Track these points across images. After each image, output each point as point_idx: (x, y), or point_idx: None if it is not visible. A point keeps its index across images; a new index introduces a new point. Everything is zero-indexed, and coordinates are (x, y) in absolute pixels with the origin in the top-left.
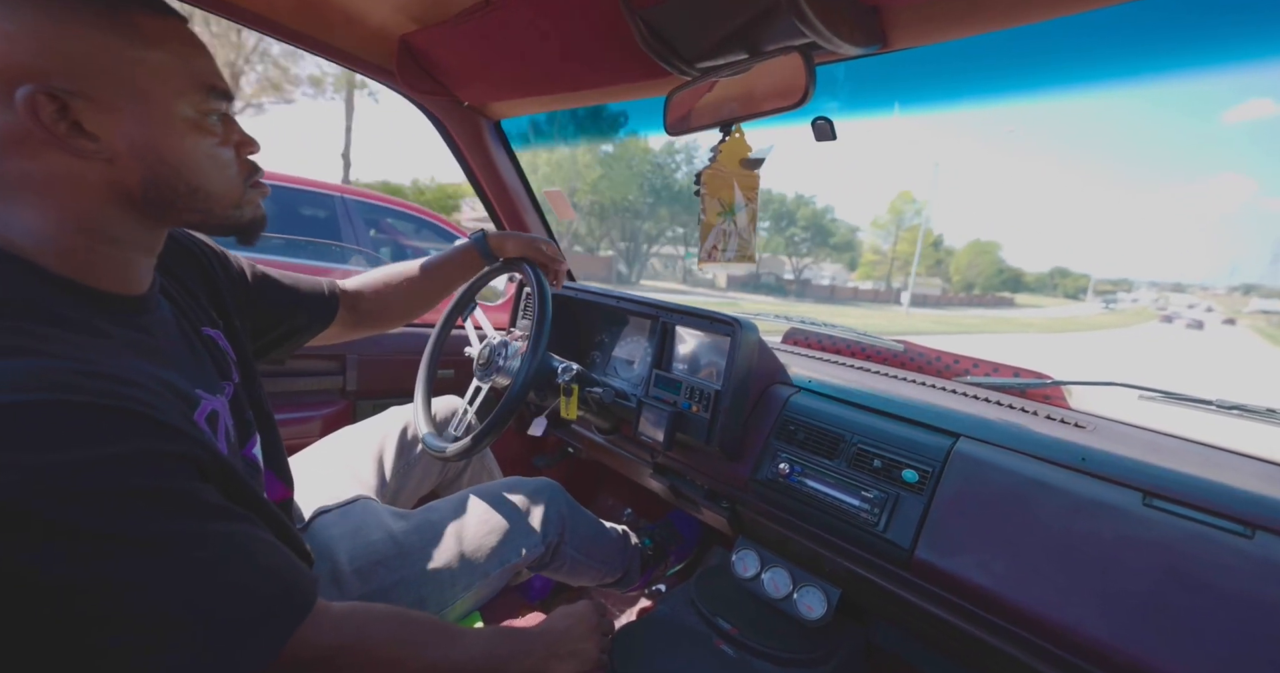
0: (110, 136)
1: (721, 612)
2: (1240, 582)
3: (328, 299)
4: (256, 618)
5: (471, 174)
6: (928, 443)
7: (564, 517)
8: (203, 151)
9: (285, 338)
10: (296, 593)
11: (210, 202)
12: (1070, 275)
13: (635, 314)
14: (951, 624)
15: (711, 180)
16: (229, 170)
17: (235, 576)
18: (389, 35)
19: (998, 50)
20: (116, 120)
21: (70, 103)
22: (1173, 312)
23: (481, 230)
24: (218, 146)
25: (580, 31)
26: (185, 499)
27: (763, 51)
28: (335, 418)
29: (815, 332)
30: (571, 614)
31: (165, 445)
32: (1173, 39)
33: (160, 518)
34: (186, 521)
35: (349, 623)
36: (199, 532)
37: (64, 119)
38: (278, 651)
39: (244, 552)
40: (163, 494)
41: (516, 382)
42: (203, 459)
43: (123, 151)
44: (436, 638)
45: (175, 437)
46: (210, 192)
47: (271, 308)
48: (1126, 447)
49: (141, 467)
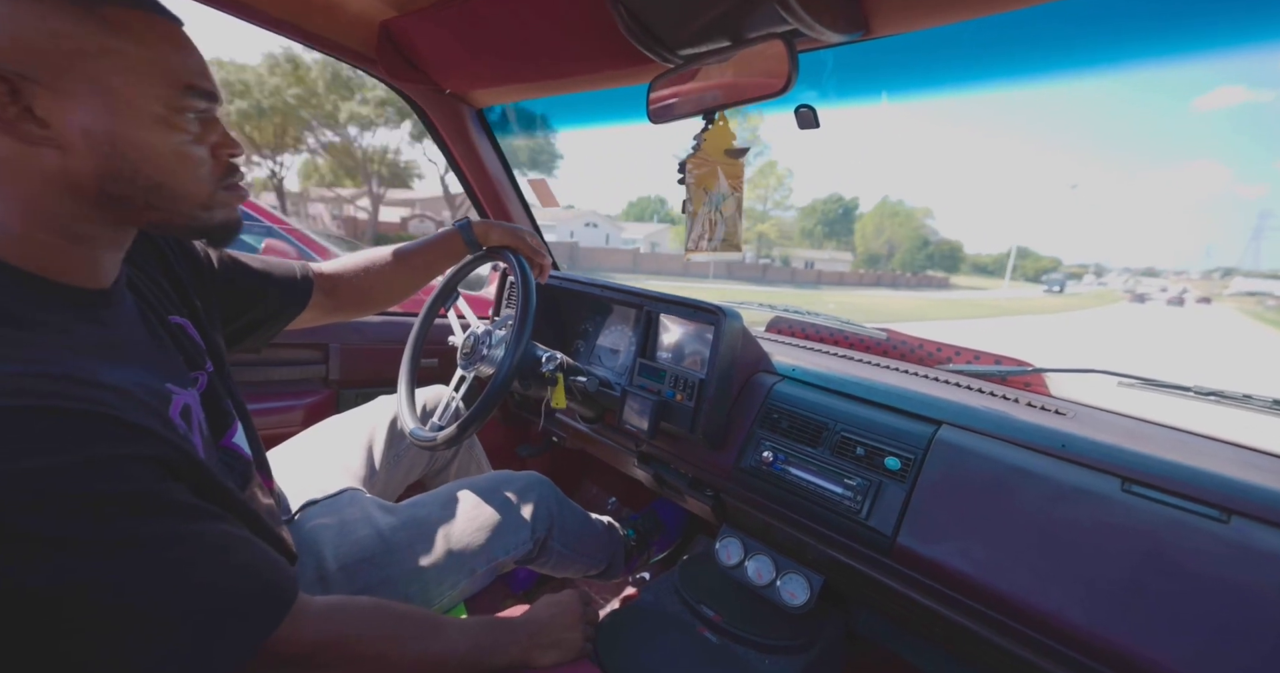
0: (62, 124)
1: (705, 599)
2: (1216, 566)
3: (300, 283)
4: (232, 617)
5: (454, 162)
6: (910, 430)
7: (552, 513)
8: (169, 148)
9: (258, 324)
10: (274, 590)
11: (175, 200)
12: (1034, 257)
13: (619, 303)
14: (933, 610)
15: (696, 169)
16: (199, 169)
17: (209, 575)
18: (369, 21)
19: (979, 37)
20: (72, 108)
21: (21, 87)
22: (1143, 292)
23: (466, 218)
24: (189, 144)
25: (562, 18)
26: (154, 501)
27: (745, 39)
28: (318, 407)
29: (799, 320)
30: (556, 604)
31: (131, 448)
32: (1149, 24)
33: (129, 521)
34: (157, 522)
35: (331, 619)
36: (170, 532)
37: (14, 103)
38: (254, 648)
39: (218, 550)
40: (131, 498)
41: (501, 370)
42: (172, 459)
43: (75, 141)
44: (420, 630)
45: (141, 438)
46: (175, 190)
47: (240, 293)
48: (1106, 433)
49: (107, 471)
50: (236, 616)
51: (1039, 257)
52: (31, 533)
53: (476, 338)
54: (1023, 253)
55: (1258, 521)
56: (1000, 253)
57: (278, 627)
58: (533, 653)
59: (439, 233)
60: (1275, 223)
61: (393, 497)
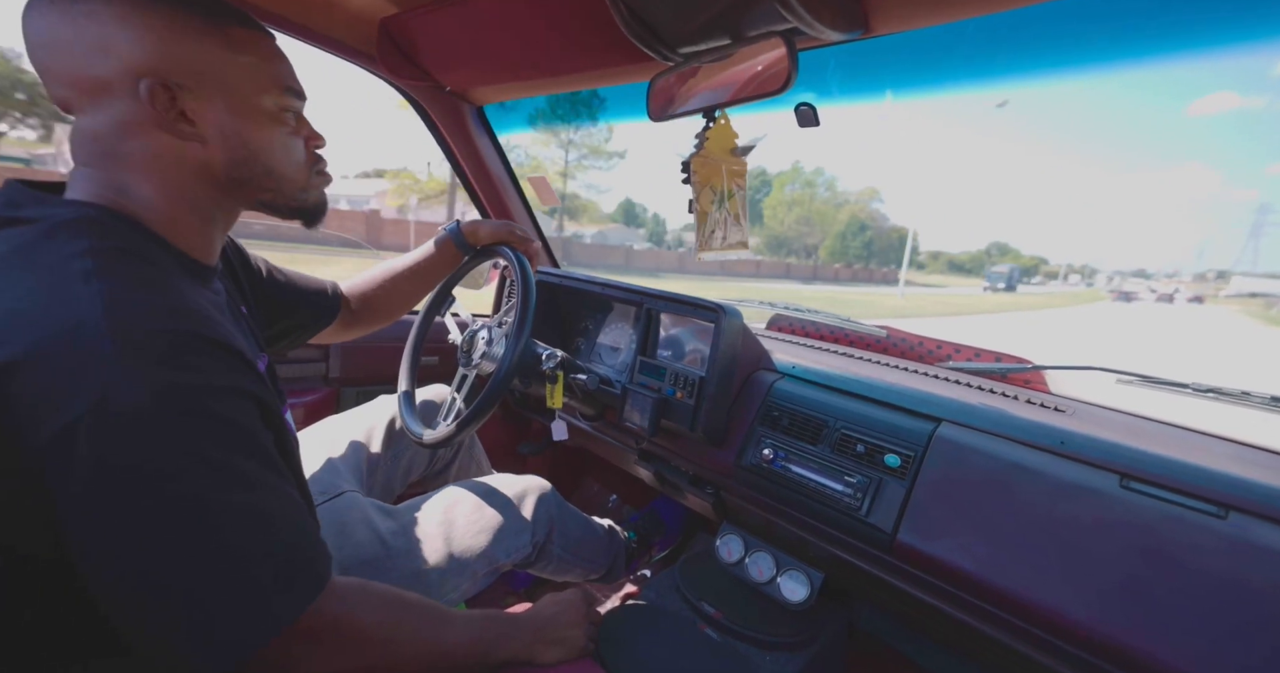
0: (205, 123)
1: (706, 597)
2: (1214, 561)
3: (330, 299)
4: (296, 571)
5: (454, 160)
6: (910, 428)
7: (552, 517)
8: (278, 140)
9: (287, 333)
10: (320, 561)
11: (281, 183)
12: (1014, 255)
13: (620, 301)
14: (933, 607)
15: (701, 168)
16: (299, 157)
17: (286, 526)
18: (369, 19)
19: (979, 35)
20: (210, 110)
21: (178, 94)
22: (1129, 290)
23: (456, 221)
24: (290, 137)
25: (562, 15)
26: (251, 440)
27: (745, 37)
28: (318, 406)
29: (799, 318)
30: (560, 601)
31: (249, 384)
32: (1147, 24)
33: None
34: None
35: (350, 600)
36: (254, 476)
37: (173, 107)
38: (301, 610)
39: (287, 507)
40: (237, 431)
41: (501, 368)
42: (267, 402)
43: (213, 136)
44: (428, 620)
45: (254, 375)
46: (281, 174)
47: (279, 302)
48: (1105, 430)
49: (230, 399)
50: (292, 576)
51: (1019, 255)
52: (167, 435)
53: (476, 335)
54: (1002, 250)
55: (1255, 516)
56: (978, 250)
57: (316, 598)
58: (536, 649)
59: (432, 240)
60: (1275, 218)
61: (393, 496)
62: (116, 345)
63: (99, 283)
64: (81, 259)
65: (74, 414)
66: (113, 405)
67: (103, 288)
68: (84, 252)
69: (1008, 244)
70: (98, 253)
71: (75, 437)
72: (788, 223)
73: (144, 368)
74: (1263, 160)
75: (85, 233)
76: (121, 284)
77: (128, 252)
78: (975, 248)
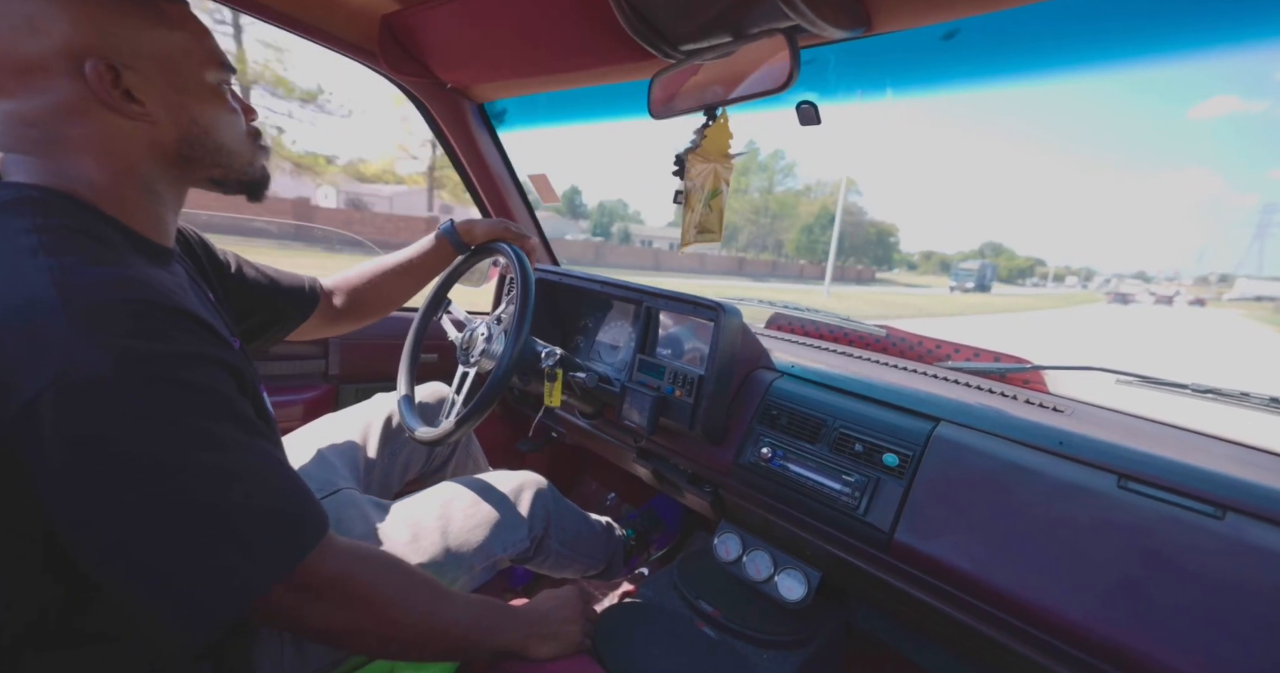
0: (152, 102)
1: (704, 595)
2: (1211, 562)
3: (307, 293)
4: (276, 533)
5: (455, 157)
6: (908, 427)
7: (549, 511)
8: (222, 114)
9: (264, 328)
10: (313, 516)
11: (231, 158)
12: (1008, 255)
13: (619, 299)
14: (931, 606)
15: (694, 164)
16: (242, 130)
17: (262, 487)
18: (371, 15)
19: (981, 34)
20: (155, 88)
21: (122, 73)
22: (1127, 292)
23: (450, 220)
24: (230, 111)
25: (564, 12)
26: (228, 406)
27: (747, 34)
28: (317, 402)
29: (799, 317)
30: (557, 597)
31: (215, 351)
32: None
33: (204, 418)
34: (226, 427)
35: (352, 557)
36: (234, 440)
37: (117, 87)
38: (291, 567)
39: (271, 467)
40: (210, 396)
41: (500, 365)
42: (243, 373)
43: (163, 114)
44: (429, 593)
45: (222, 344)
46: (231, 149)
47: (250, 295)
48: (1103, 430)
49: (195, 365)
50: (286, 528)
51: (1014, 255)
52: (145, 402)
53: (476, 333)
54: (996, 250)
55: (1252, 517)
56: (972, 250)
57: (311, 551)
58: (531, 642)
59: (427, 238)
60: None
61: (390, 494)
62: (71, 318)
63: (46, 258)
64: (26, 236)
65: (37, 388)
66: (74, 377)
67: (51, 262)
68: (29, 229)
69: (1002, 244)
70: (43, 230)
71: (41, 411)
72: (742, 212)
73: (103, 338)
74: (1264, 165)
75: (28, 213)
76: (71, 259)
77: (75, 230)
78: (969, 248)
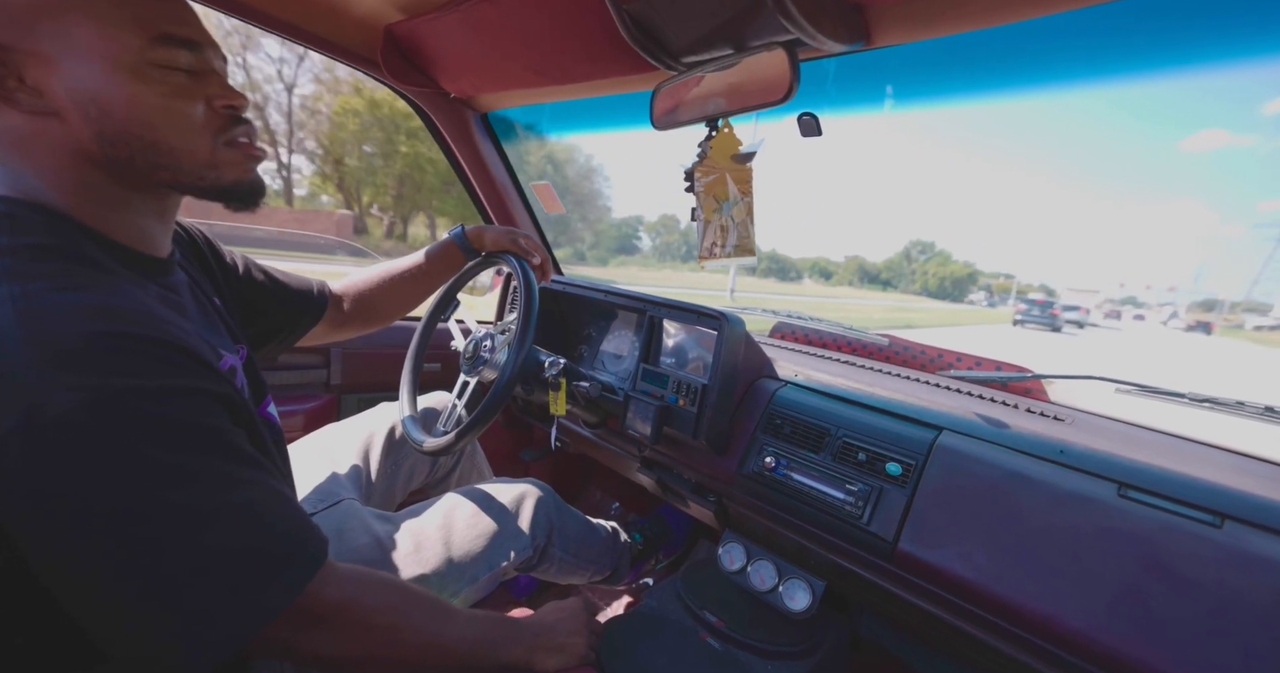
0: (51, 90)
1: (708, 605)
2: (1210, 571)
3: (316, 298)
4: (273, 566)
5: (458, 167)
6: (911, 436)
7: (551, 519)
8: (151, 103)
9: (274, 333)
10: (312, 546)
11: (176, 158)
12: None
13: (623, 308)
14: (934, 615)
15: (704, 177)
16: (189, 124)
17: (256, 521)
18: (374, 25)
19: (981, 49)
20: (54, 72)
21: (7, 57)
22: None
23: (461, 226)
24: (170, 98)
25: (566, 24)
26: (218, 439)
27: (748, 47)
28: (319, 412)
29: (802, 326)
30: (561, 609)
31: (203, 383)
32: (1148, 41)
33: (194, 453)
34: (219, 461)
35: (353, 584)
36: (227, 474)
37: (9, 74)
38: (294, 596)
39: (267, 500)
40: (199, 430)
41: (503, 375)
42: (235, 403)
43: (66, 105)
44: (432, 613)
45: (212, 374)
46: (170, 147)
47: (259, 298)
48: (1104, 439)
49: (182, 400)
50: (277, 565)
51: (985, 273)
52: (119, 444)
53: (479, 343)
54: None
55: (1250, 525)
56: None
57: (310, 581)
58: (536, 655)
59: (438, 243)
60: None
61: (393, 505)
62: (36, 354)
63: (10, 285)
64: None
65: (3, 430)
66: (40, 418)
67: (15, 290)
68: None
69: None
70: (12, 252)
71: (8, 452)
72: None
73: (72, 377)
74: (1253, 197)
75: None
76: (38, 286)
77: (48, 248)
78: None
